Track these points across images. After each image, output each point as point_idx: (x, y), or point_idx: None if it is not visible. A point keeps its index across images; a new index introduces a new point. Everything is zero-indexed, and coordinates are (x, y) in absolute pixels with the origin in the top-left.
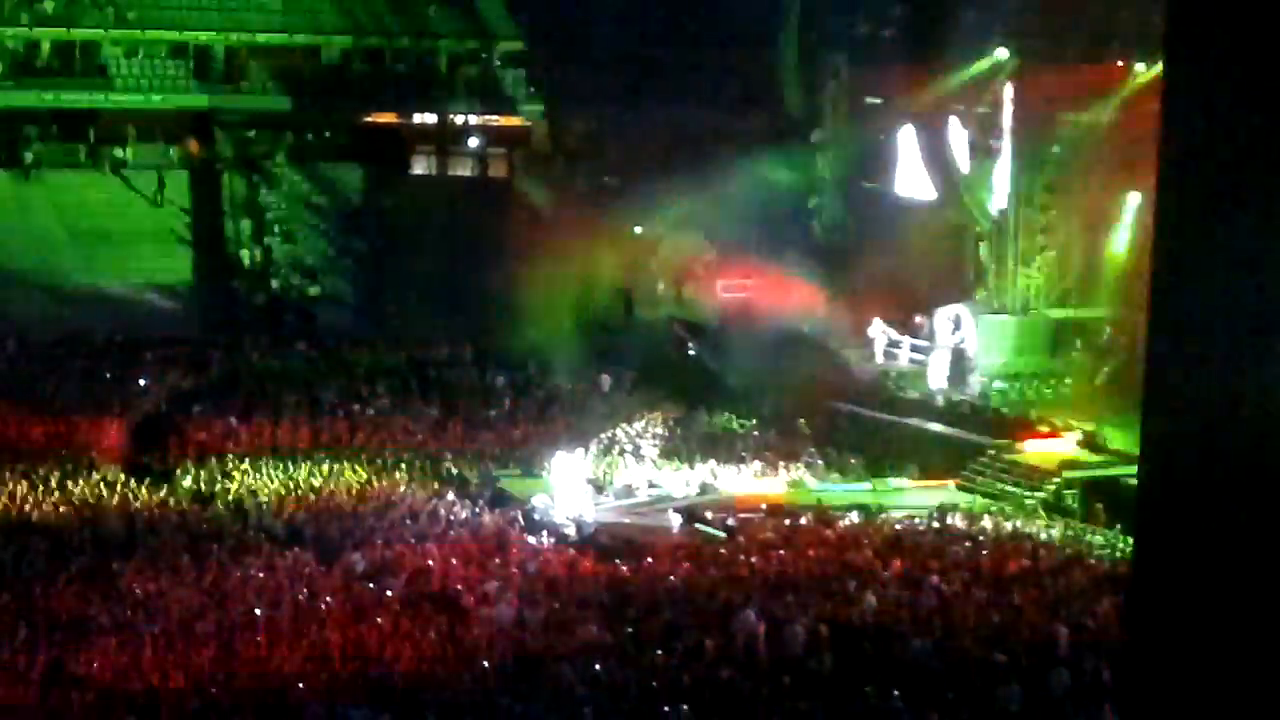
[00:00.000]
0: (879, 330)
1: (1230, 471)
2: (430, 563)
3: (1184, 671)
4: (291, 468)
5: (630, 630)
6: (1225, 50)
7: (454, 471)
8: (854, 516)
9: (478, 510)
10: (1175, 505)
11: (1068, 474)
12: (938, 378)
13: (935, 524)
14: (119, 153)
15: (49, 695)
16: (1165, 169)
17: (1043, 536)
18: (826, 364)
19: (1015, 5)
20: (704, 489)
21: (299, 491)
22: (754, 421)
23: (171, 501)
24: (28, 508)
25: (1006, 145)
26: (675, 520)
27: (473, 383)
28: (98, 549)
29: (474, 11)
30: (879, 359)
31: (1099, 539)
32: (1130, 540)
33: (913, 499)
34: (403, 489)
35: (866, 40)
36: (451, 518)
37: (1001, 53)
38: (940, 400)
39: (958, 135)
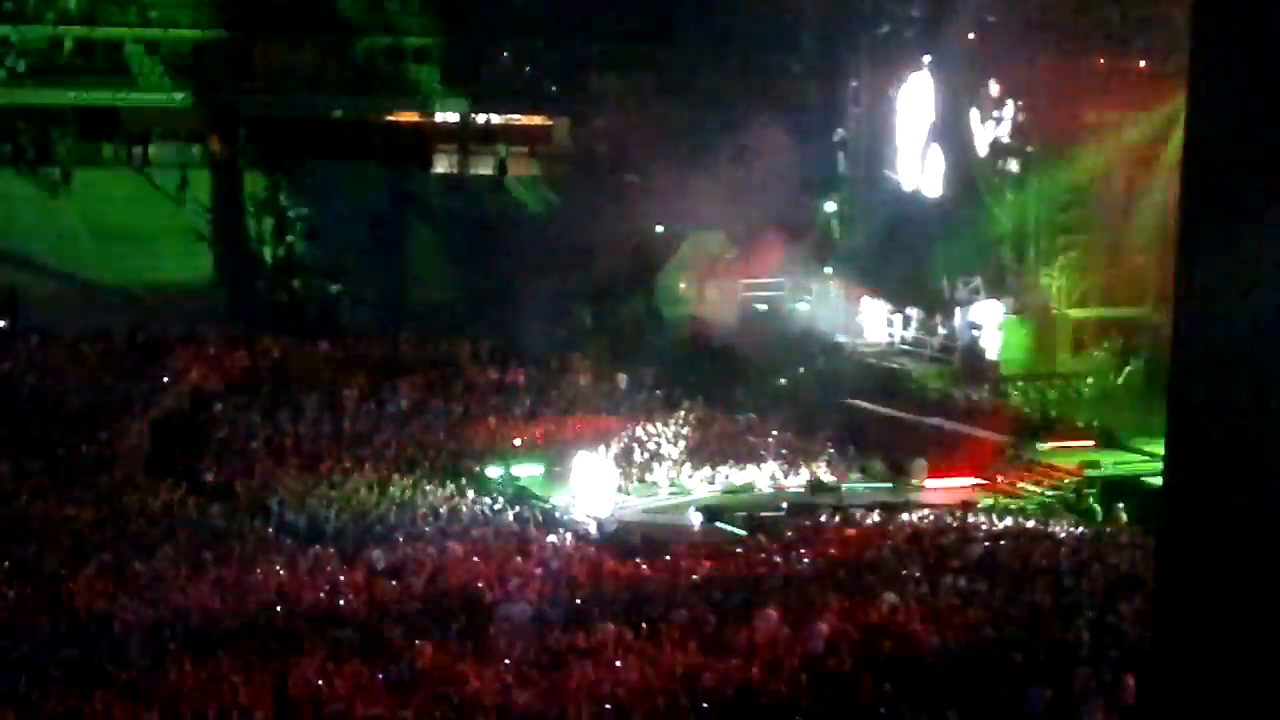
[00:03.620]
0: (898, 328)
1: (1256, 471)
2: (451, 560)
3: (1210, 672)
4: (313, 465)
5: (650, 628)
6: (1251, 48)
7: (475, 469)
8: (874, 515)
9: (498, 508)
10: (1200, 505)
11: (1088, 473)
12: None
13: (955, 523)
14: (141, 150)
15: (70, 693)
16: (1190, 167)
17: (1063, 536)
18: (846, 362)
19: (1038, 5)
20: (731, 489)
21: (320, 489)
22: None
23: (193, 499)
24: (50, 504)
25: (1030, 144)
26: (696, 519)
27: (494, 380)
28: (119, 547)
29: (498, 9)
30: (897, 356)
31: (1120, 538)
32: (1151, 540)
33: (933, 497)
34: (424, 486)
35: (887, 40)
36: (472, 515)
37: (1020, 52)
38: (961, 399)
39: (980, 135)
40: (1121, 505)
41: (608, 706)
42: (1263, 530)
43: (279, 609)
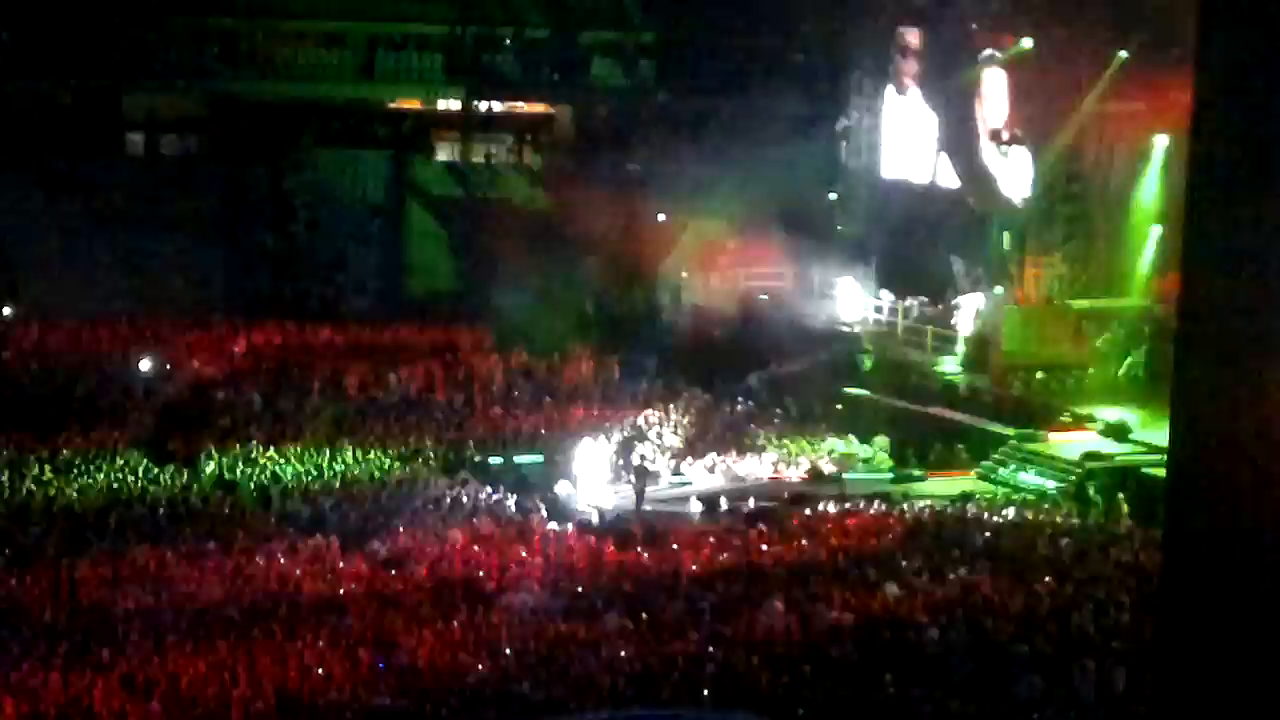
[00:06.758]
0: (899, 316)
1: (1259, 460)
2: (452, 549)
3: (1213, 663)
4: (315, 454)
5: (652, 618)
6: (1257, 38)
7: (477, 458)
8: (876, 505)
9: (500, 497)
10: (1204, 496)
11: (1090, 464)
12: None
13: (957, 513)
14: (144, 137)
15: (70, 681)
16: (1196, 159)
17: (1064, 526)
18: (847, 351)
19: None
20: (733, 479)
21: (322, 478)
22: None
23: (195, 488)
24: (51, 492)
25: (1030, 134)
26: (697, 508)
27: (495, 369)
28: (121, 535)
29: None
30: (899, 345)
31: (1121, 529)
32: (1152, 531)
33: (934, 488)
34: (426, 475)
35: (891, 30)
36: (474, 504)
37: (1026, 42)
38: (963, 389)
39: (981, 124)
40: (1123, 496)
41: (609, 696)
42: (1267, 522)
43: (280, 598)
